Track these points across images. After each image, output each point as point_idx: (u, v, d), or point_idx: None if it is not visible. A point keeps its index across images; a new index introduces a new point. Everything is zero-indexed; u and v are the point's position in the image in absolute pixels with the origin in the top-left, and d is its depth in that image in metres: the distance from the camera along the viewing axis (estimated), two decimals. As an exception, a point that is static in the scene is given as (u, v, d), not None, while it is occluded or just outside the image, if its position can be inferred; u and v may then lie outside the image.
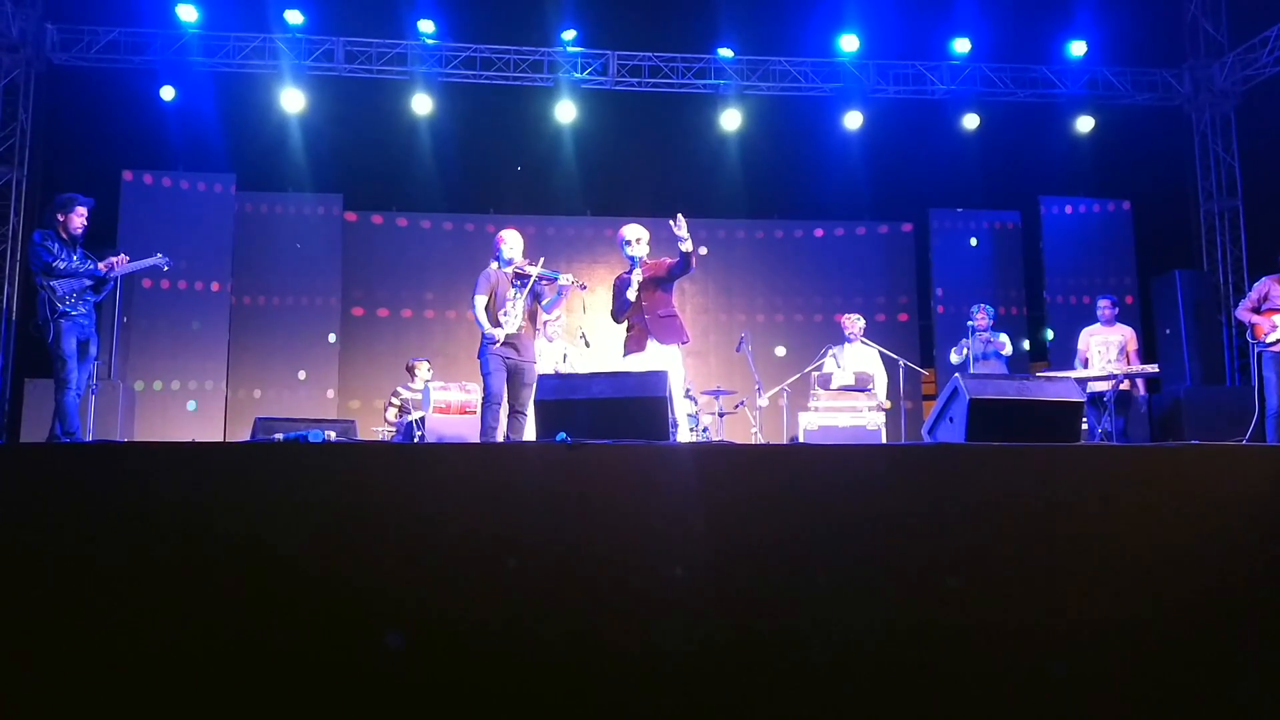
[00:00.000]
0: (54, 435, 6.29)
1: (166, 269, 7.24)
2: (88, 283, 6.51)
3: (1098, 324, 9.13)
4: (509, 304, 6.91)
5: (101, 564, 3.17)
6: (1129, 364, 8.77)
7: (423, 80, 11.87)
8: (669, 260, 6.77)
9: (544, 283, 7.02)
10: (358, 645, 3.14)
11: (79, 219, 6.53)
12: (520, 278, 6.97)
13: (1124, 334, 8.99)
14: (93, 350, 6.64)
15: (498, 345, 6.76)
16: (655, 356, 6.61)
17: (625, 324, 6.83)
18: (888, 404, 8.94)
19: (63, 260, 6.41)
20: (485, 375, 6.78)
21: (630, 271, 6.78)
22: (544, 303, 7.09)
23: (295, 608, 3.17)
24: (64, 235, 6.48)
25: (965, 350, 9.12)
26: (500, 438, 6.78)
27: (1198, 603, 3.36)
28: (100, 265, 6.60)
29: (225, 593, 3.16)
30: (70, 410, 6.33)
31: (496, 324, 6.82)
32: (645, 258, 6.81)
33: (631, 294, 6.71)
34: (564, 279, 7.00)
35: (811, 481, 3.47)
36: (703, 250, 6.77)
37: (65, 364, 6.33)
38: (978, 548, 3.38)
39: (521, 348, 6.86)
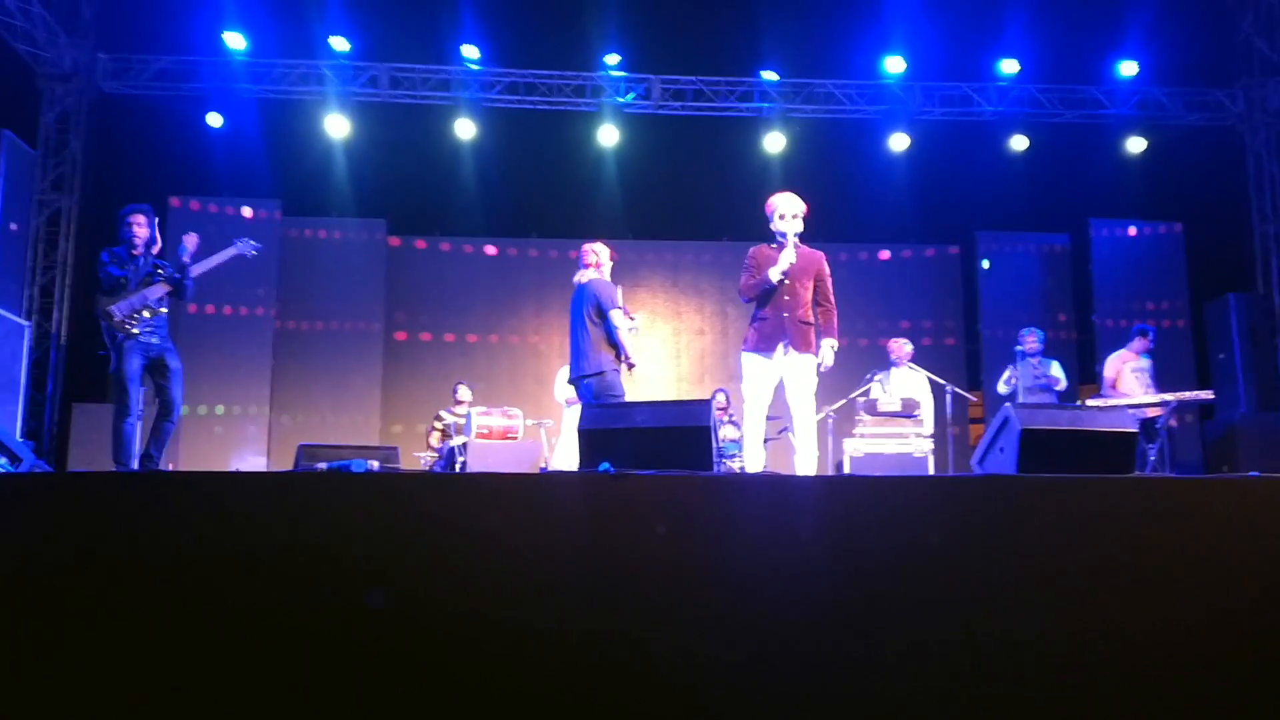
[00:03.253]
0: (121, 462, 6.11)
1: (254, 254, 6.91)
2: (151, 299, 6.25)
3: (1127, 350, 8.99)
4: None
5: (145, 594, 3.15)
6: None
7: (466, 105, 11.94)
8: (824, 266, 5.96)
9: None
10: (396, 677, 3.09)
11: (140, 229, 6.32)
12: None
13: (1149, 362, 8.90)
14: (171, 363, 6.31)
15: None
16: (783, 365, 5.81)
17: (753, 309, 5.89)
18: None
19: (128, 275, 6.22)
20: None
21: (779, 248, 5.81)
22: None
23: (336, 638, 3.13)
24: (131, 250, 6.29)
25: (1014, 380, 8.89)
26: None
27: (1268, 641, 3.23)
28: (173, 269, 6.38)
29: (268, 623, 3.13)
30: (127, 438, 6.12)
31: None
32: (798, 239, 5.83)
33: (775, 274, 5.69)
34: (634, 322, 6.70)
35: (856, 514, 3.38)
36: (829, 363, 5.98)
37: (125, 390, 6.10)
38: (1030, 583, 3.27)
39: None
